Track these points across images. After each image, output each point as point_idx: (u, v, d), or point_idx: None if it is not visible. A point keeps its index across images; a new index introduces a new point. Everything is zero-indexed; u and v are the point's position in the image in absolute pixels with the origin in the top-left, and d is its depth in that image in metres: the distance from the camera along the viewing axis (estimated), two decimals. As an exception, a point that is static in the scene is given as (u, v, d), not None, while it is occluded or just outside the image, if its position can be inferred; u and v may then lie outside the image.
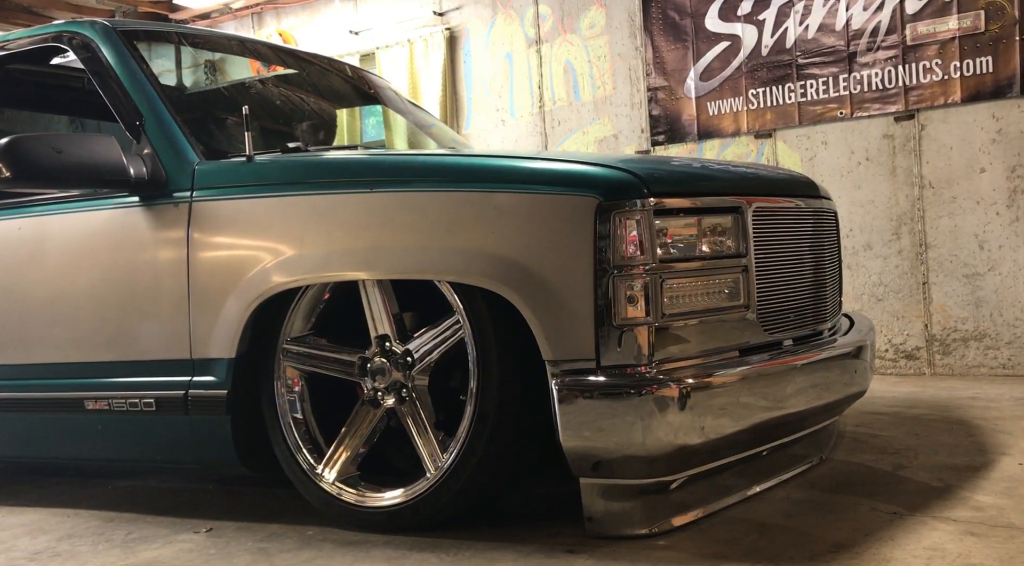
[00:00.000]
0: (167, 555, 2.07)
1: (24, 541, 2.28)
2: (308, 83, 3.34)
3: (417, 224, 2.04)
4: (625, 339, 1.84)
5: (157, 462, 2.59)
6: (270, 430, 2.26)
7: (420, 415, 2.10)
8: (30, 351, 2.56)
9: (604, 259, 1.84)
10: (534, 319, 1.88)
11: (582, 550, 1.91)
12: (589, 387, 1.84)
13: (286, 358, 2.24)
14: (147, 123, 2.41)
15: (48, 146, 2.23)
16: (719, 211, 1.99)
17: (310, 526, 2.21)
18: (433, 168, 2.18)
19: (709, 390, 1.88)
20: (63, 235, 2.51)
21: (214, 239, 2.27)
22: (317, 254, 2.14)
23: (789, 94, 4.53)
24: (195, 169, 2.34)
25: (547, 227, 1.91)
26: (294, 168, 2.30)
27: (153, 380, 2.35)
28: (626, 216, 1.85)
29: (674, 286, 1.88)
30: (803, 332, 2.25)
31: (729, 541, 1.94)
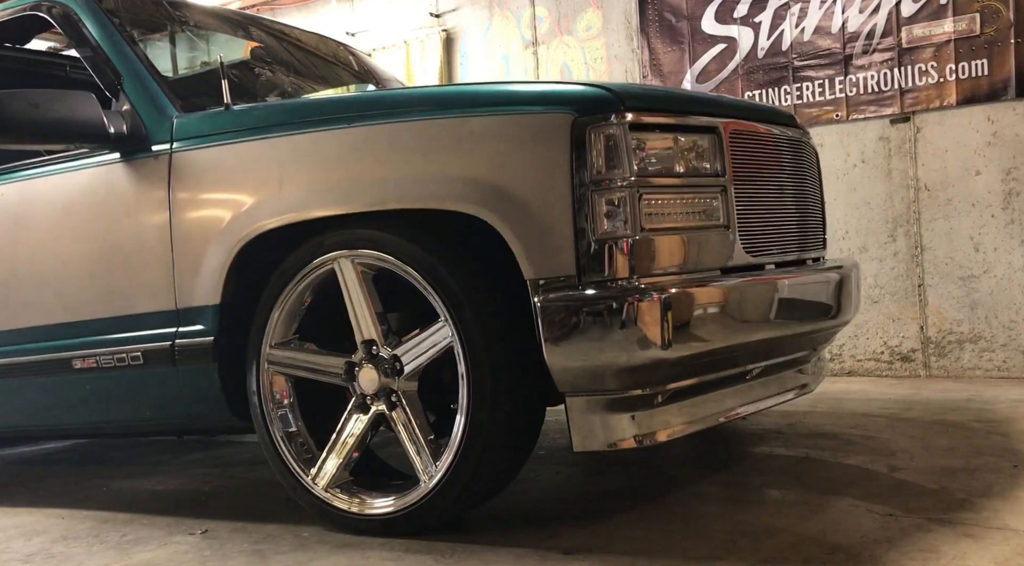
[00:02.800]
0: (162, 557, 2.06)
1: (18, 543, 2.26)
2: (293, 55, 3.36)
3: (394, 155, 2.04)
4: (604, 253, 1.83)
5: (147, 421, 2.54)
6: (261, 441, 2.24)
7: (411, 421, 2.06)
8: (18, 315, 2.55)
9: (581, 175, 1.84)
10: (514, 239, 1.87)
11: (578, 552, 1.90)
12: (571, 301, 1.83)
13: (271, 364, 2.21)
14: (125, 81, 2.44)
15: (25, 101, 2.23)
16: (696, 129, 1.99)
17: (306, 527, 2.20)
18: (408, 99, 2.19)
19: (690, 304, 1.87)
20: (47, 197, 2.52)
21: (194, 188, 2.27)
22: (297, 193, 2.13)
23: (785, 96, 4.54)
24: (174, 121, 2.35)
25: (523, 147, 1.91)
26: (271, 111, 2.32)
27: (140, 334, 2.34)
28: (601, 130, 1.84)
29: (652, 201, 1.87)
30: (787, 258, 2.26)
31: (725, 542, 1.92)
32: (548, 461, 2.76)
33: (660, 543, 1.94)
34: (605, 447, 1.89)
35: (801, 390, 2.41)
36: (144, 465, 3.22)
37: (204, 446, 3.55)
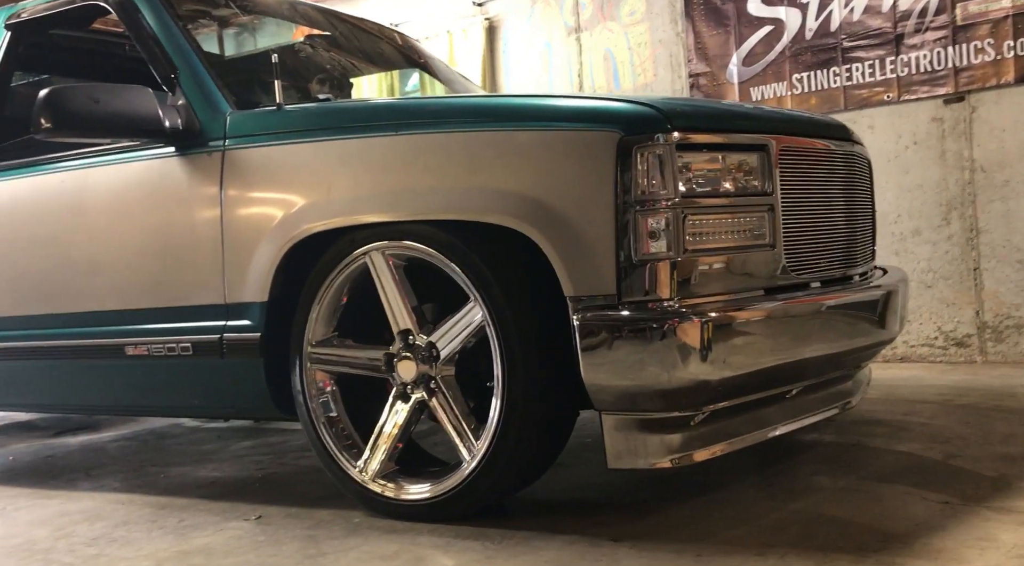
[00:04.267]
0: (218, 542, 2.12)
1: (83, 527, 2.34)
2: (350, 46, 3.39)
3: (439, 165, 2.06)
4: (646, 274, 1.83)
5: (195, 408, 2.64)
6: (306, 433, 2.29)
7: (451, 406, 2.10)
8: (74, 300, 2.63)
9: (625, 194, 1.83)
10: (555, 256, 1.88)
11: (626, 539, 1.91)
12: (610, 321, 1.83)
13: (313, 362, 2.25)
14: (181, 75, 2.48)
15: (86, 96, 2.29)
16: (744, 148, 1.96)
17: (356, 513, 2.24)
18: (456, 109, 2.20)
19: (731, 326, 1.86)
20: (103, 187, 2.58)
21: (246, 186, 2.31)
22: (344, 198, 2.16)
23: (834, 78, 4.45)
24: (227, 118, 2.39)
25: (568, 164, 1.91)
26: (321, 114, 2.34)
27: (190, 325, 2.40)
28: (648, 150, 1.83)
29: (697, 222, 1.86)
30: (832, 276, 2.22)
31: (776, 530, 1.91)
32: (593, 449, 2.76)
33: (709, 531, 1.94)
34: (639, 466, 1.90)
35: (844, 406, 2.39)
36: (199, 453, 3.31)
37: (255, 434, 3.62)
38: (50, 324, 2.68)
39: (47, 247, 2.68)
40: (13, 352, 2.77)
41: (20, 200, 2.76)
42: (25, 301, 2.74)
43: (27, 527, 2.38)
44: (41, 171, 2.73)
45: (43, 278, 2.69)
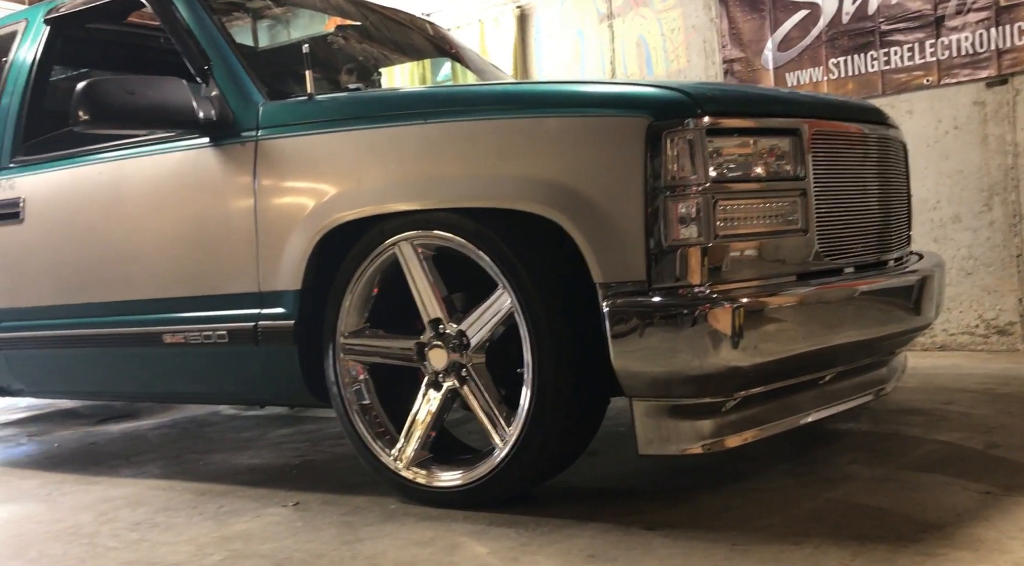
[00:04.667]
0: (257, 527, 2.15)
1: (125, 512, 2.39)
2: (381, 36, 3.40)
3: (469, 153, 2.06)
4: (677, 260, 1.82)
5: (231, 395, 2.69)
6: (340, 421, 2.32)
7: (482, 393, 2.11)
8: (112, 289, 2.68)
9: (655, 180, 1.82)
10: (584, 242, 1.88)
11: (660, 527, 1.90)
12: (640, 308, 1.82)
13: (345, 353, 2.27)
14: (215, 67, 2.51)
15: (122, 88, 2.33)
16: (776, 132, 1.94)
17: (391, 500, 2.26)
18: (484, 97, 2.20)
19: (763, 312, 1.84)
20: (139, 178, 2.62)
21: (278, 176, 2.34)
22: (374, 187, 2.18)
23: (872, 62, 4.38)
24: (260, 109, 2.41)
25: (597, 149, 1.90)
26: (352, 103, 2.36)
27: (225, 313, 2.43)
28: (678, 135, 1.82)
29: (728, 207, 1.84)
30: (866, 261, 2.19)
31: (812, 519, 1.89)
32: (626, 437, 2.75)
33: (744, 519, 1.93)
34: (671, 452, 1.89)
35: (878, 392, 2.36)
36: (237, 441, 3.36)
37: (292, 422, 3.67)
38: (90, 313, 2.73)
39: (86, 237, 2.73)
40: (56, 341, 2.83)
41: (60, 192, 2.81)
42: (66, 290, 2.79)
43: (72, 512, 2.43)
44: (80, 163, 2.78)
45: (83, 268, 2.75)
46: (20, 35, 3.11)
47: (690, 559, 1.72)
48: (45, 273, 2.84)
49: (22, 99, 3.01)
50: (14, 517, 2.43)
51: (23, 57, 3.07)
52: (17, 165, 2.94)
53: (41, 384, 3.08)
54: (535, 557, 1.79)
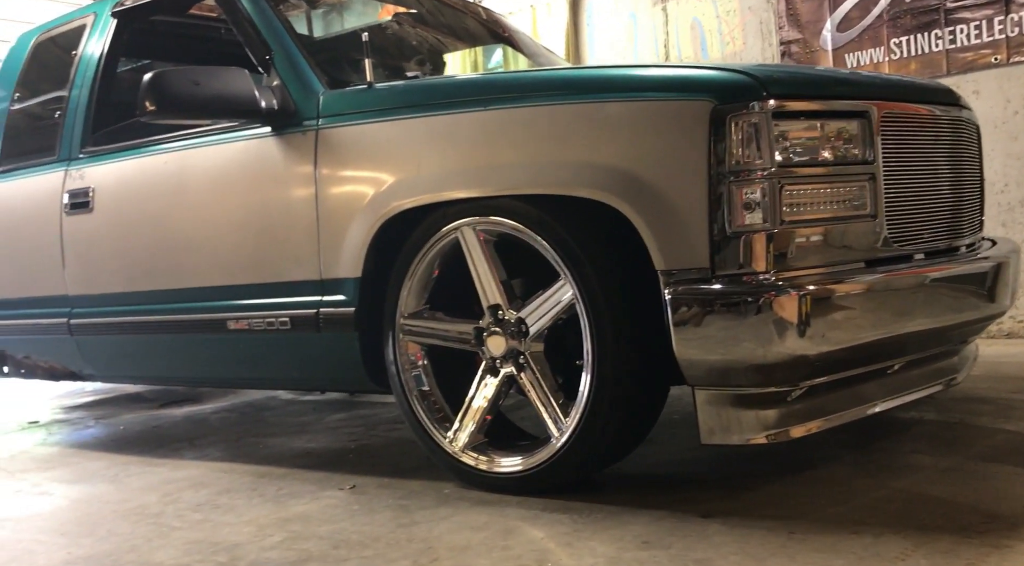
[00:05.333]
0: (315, 510, 2.19)
1: (188, 493, 2.46)
2: (436, 23, 3.41)
3: (528, 139, 2.05)
4: (741, 246, 1.79)
5: (293, 380, 2.73)
6: (399, 404, 2.34)
7: (539, 381, 2.11)
8: (178, 276, 2.74)
9: (719, 165, 1.79)
10: (646, 229, 1.86)
11: (716, 515, 1.89)
12: (703, 295, 1.80)
13: (405, 334, 2.29)
14: (276, 56, 2.54)
15: (187, 79, 2.37)
16: (844, 115, 1.90)
17: (446, 484, 2.28)
18: (543, 82, 2.18)
19: (830, 300, 1.81)
20: (203, 167, 2.67)
21: (339, 164, 2.36)
22: (433, 174, 2.19)
23: (936, 41, 4.24)
24: (320, 98, 2.44)
25: (659, 134, 1.88)
26: (409, 91, 2.37)
27: (287, 300, 2.47)
28: (742, 119, 1.79)
29: (794, 192, 1.81)
30: (937, 247, 2.13)
31: (873, 508, 1.86)
32: (682, 425, 2.74)
33: (803, 508, 1.90)
34: (733, 442, 1.87)
35: (949, 383, 2.30)
36: (294, 425, 3.42)
37: (348, 407, 3.72)
38: (157, 300, 2.80)
39: (153, 226, 2.79)
40: (124, 327, 2.91)
41: (127, 181, 2.89)
42: (134, 278, 2.87)
43: (138, 492, 2.51)
44: (146, 153, 2.84)
45: (150, 256, 2.81)
46: (88, 29, 3.19)
47: (746, 546, 1.70)
48: (114, 261, 2.92)
49: (91, 91, 3.09)
50: (84, 497, 2.52)
51: (92, 50, 3.15)
52: (87, 156, 3.03)
53: (110, 369, 3.18)
54: (589, 542, 1.79)
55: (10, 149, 3.35)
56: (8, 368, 3.42)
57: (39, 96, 3.38)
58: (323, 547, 1.90)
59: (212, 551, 1.93)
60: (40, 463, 3.03)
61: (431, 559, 1.78)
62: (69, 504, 2.45)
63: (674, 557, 1.68)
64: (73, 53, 3.21)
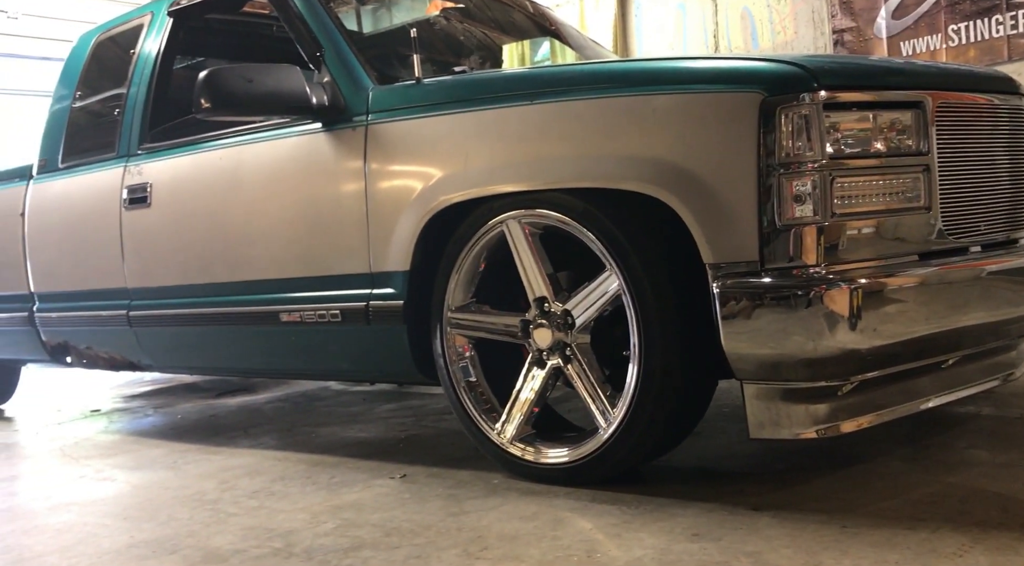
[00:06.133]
0: (367, 498, 2.23)
1: (244, 481, 2.52)
2: (483, 17, 3.42)
3: (575, 133, 2.06)
4: (791, 239, 1.78)
5: (343, 372, 2.78)
6: (447, 396, 2.37)
7: (586, 373, 2.12)
8: (233, 270, 2.81)
9: (769, 157, 1.78)
10: (694, 222, 1.85)
11: (767, 508, 1.88)
12: (752, 289, 1.80)
13: (452, 327, 2.32)
14: (326, 53, 2.58)
15: (241, 77, 2.42)
16: (897, 106, 1.87)
17: (495, 475, 2.30)
18: (591, 75, 2.18)
19: (882, 293, 1.79)
20: (256, 162, 2.72)
21: (387, 159, 2.39)
22: (480, 168, 2.20)
23: (997, 27, 4.13)
24: (370, 94, 2.47)
25: (708, 127, 1.87)
26: (458, 86, 2.38)
27: (338, 293, 2.51)
28: (793, 111, 1.77)
29: (845, 184, 1.79)
30: (995, 239, 2.09)
31: (929, 503, 1.84)
32: (730, 418, 2.73)
33: (856, 503, 1.89)
34: (783, 437, 1.86)
35: (1006, 377, 2.25)
36: (346, 415, 3.48)
37: (397, 398, 3.77)
38: (213, 292, 2.87)
39: (208, 220, 2.86)
40: (181, 319, 2.99)
41: (183, 177, 2.96)
42: (190, 271, 2.94)
43: (196, 479, 2.58)
44: (201, 149, 2.91)
45: (205, 249, 2.88)
46: (145, 28, 3.27)
47: (798, 540, 1.69)
48: (171, 255, 3.00)
49: (148, 89, 3.17)
50: (145, 483, 2.60)
51: (149, 49, 3.23)
52: (145, 152, 3.11)
53: (168, 360, 3.26)
54: (639, 534, 1.80)
55: (72, 146, 3.45)
56: (71, 358, 3.54)
57: (99, 94, 3.47)
58: (375, 534, 1.93)
59: (268, 537, 1.98)
60: (102, 450, 3.14)
61: (481, 548, 1.80)
62: (130, 490, 2.53)
63: (724, 549, 1.68)
64: (131, 52, 3.30)
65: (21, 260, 3.56)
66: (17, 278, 3.59)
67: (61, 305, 3.45)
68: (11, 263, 3.61)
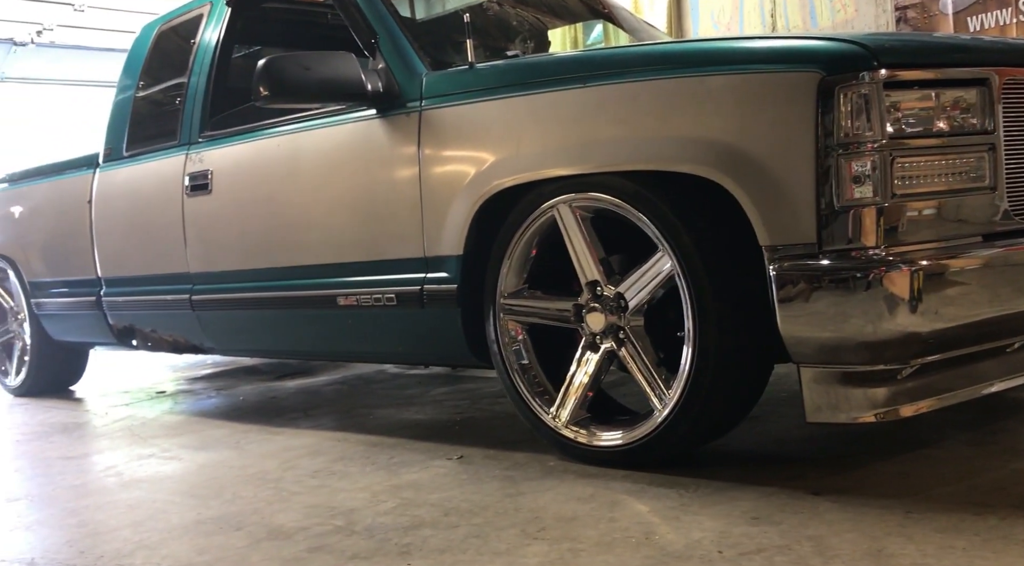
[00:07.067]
0: (425, 478, 2.27)
1: (305, 460, 2.58)
2: (535, 1, 3.41)
3: (629, 115, 2.05)
4: (849, 221, 1.75)
5: (399, 355, 2.83)
6: (501, 380, 2.39)
7: (640, 356, 2.12)
8: (291, 255, 2.86)
9: (827, 137, 1.75)
10: (750, 204, 1.84)
11: (827, 493, 1.87)
12: (810, 271, 1.78)
13: (505, 313, 2.33)
14: (381, 40, 2.60)
15: (298, 65, 2.47)
16: (961, 83, 1.82)
17: (550, 457, 2.32)
18: (644, 57, 2.16)
19: (944, 275, 1.76)
20: (313, 148, 2.77)
21: (441, 145, 2.41)
22: (533, 152, 2.21)
23: (1068, 1, 3.98)
24: (423, 80, 2.49)
25: (765, 107, 1.84)
26: (510, 70, 2.38)
27: (393, 277, 2.55)
28: (852, 90, 1.74)
29: (906, 164, 1.75)
30: None
31: (996, 490, 1.80)
32: (788, 403, 2.70)
33: (920, 488, 1.87)
34: (840, 421, 1.84)
35: None
36: (402, 397, 3.53)
37: (452, 381, 3.82)
38: (272, 277, 2.94)
39: (267, 206, 2.92)
40: (242, 303, 3.07)
41: (243, 164, 3.02)
42: (250, 256, 3.01)
43: (259, 459, 2.65)
44: (259, 136, 2.97)
45: (264, 235, 2.95)
46: (205, 18, 3.34)
47: (860, 525, 1.68)
48: (231, 240, 3.07)
49: (208, 78, 3.24)
50: (210, 462, 2.68)
51: (208, 38, 3.30)
52: (205, 140, 3.18)
53: (229, 342, 3.35)
54: (697, 517, 1.80)
55: (136, 135, 3.55)
56: (136, 341, 3.66)
57: (161, 84, 3.56)
58: (434, 514, 1.97)
59: (330, 515, 2.03)
60: (168, 430, 3.24)
61: (539, 528, 1.82)
62: (196, 468, 2.61)
63: (785, 533, 1.67)
64: (191, 42, 3.37)
65: (89, 246, 3.68)
66: (85, 264, 3.72)
67: (127, 289, 3.57)
68: (79, 249, 3.73)
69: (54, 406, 4.00)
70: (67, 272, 3.85)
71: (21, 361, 4.32)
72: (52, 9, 9.56)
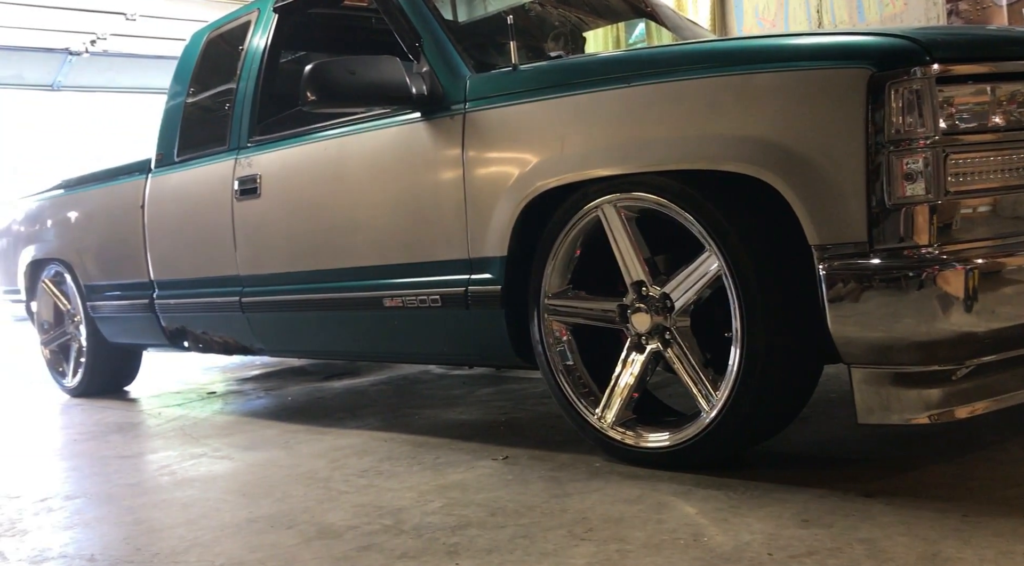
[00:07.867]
0: (471, 478, 2.28)
1: (353, 460, 2.61)
2: (578, 1, 3.41)
3: (674, 114, 2.04)
4: (901, 219, 1.72)
5: (444, 355, 2.85)
6: (546, 381, 2.39)
7: (687, 357, 2.10)
8: (338, 257, 2.90)
9: (878, 134, 1.73)
10: (799, 203, 1.82)
11: (880, 495, 1.84)
12: (860, 270, 1.75)
13: (550, 314, 2.34)
14: (425, 43, 2.62)
15: (344, 69, 2.50)
16: (1018, 77, 1.78)
17: (596, 458, 2.32)
18: (689, 55, 2.15)
19: (1000, 274, 1.72)
20: (359, 152, 2.80)
21: (485, 146, 2.42)
22: (576, 153, 2.21)
23: None
24: (467, 82, 2.51)
25: (813, 104, 1.82)
26: (553, 71, 2.39)
27: (438, 279, 2.57)
28: (903, 86, 1.71)
29: (960, 161, 1.72)
30: None
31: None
32: (838, 404, 2.67)
33: (976, 490, 1.83)
34: (893, 422, 1.81)
35: None
36: (446, 398, 3.56)
37: (496, 382, 3.83)
38: (319, 279, 2.98)
39: (314, 209, 2.96)
40: (290, 305, 3.12)
41: (291, 167, 3.07)
42: (298, 258, 3.05)
43: (308, 459, 2.69)
44: (306, 141, 3.01)
45: (312, 238, 2.99)
46: (253, 24, 3.40)
47: (915, 528, 1.65)
48: (280, 243, 3.12)
49: (257, 83, 3.30)
50: (260, 461, 2.72)
51: (256, 44, 3.36)
52: (254, 145, 3.24)
53: (278, 344, 3.40)
54: (746, 519, 1.79)
55: (187, 140, 3.62)
56: (188, 342, 3.73)
57: (210, 90, 3.63)
58: (481, 514, 1.98)
59: (378, 514, 2.05)
60: (219, 430, 3.30)
61: (586, 529, 1.82)
62: (247, 467, 2.66)
63: (836, 536, 1.65)
64: (240, 48, 3.43)
65: (141, 250, 3.77)
66: (138, 267, 3.81)
67: (179, 292, 3.64)
68: (132, 253, 3.82)
69: (109, 406, 4.10)
70: (121, 275, 3.95)
71: (78, 363, 4.43)
72: (105, 19, 9.83)
